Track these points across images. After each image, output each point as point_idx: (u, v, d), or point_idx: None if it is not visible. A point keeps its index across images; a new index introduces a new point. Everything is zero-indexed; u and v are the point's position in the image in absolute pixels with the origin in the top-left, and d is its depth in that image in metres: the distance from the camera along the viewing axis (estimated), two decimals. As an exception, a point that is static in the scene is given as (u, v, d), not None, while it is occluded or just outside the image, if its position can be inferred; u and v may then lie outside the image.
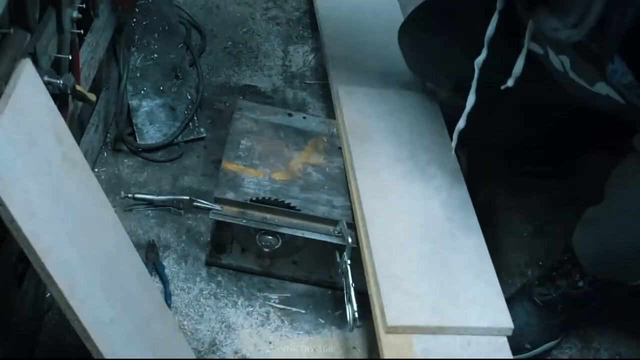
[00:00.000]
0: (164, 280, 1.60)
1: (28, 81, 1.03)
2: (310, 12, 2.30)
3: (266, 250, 1.55)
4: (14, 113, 0.98)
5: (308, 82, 2.11)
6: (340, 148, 1.72)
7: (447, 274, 1.48)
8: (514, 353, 1.53)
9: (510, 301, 1.61)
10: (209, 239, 1.65)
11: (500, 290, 1.48)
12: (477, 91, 1.46)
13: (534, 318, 1.58)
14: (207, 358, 1.51)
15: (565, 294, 1.55)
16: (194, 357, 1.45)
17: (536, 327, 1.58)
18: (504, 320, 1.43)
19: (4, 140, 0.95)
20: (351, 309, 1.43)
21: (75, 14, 1.38)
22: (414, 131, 1.75)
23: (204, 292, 1.61)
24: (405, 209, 1.58)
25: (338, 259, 1.51)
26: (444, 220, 1.57)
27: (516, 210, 1.89)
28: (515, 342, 1.55)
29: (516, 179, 1.95)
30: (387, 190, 1.60)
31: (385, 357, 1.36)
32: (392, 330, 1.38)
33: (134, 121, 1.84)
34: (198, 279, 1.63)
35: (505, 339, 1.43)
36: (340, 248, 1.51)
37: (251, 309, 1.60)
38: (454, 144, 1.57)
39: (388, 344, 1.37)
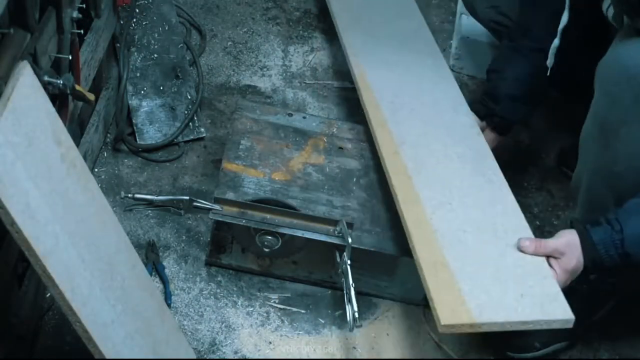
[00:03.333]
0: (164, 280, 1.60)
1: (26, 83, 1.03)
2: (310, 11, 2.30)
3: (266, 250, 1.55)
4: (13, 115, 0.98)
5: (308, 82, 2.11)
6: (340, 148, 1.72)
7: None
8: (521, 351, 1.55)
9: None
10: (209, 239, 1.65)
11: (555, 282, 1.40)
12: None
13: None
14: (207, 358, 1.51)
15: (576, 291, 1.53)
16: (194, 357, 1.46)
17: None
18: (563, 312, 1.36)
19: (3, 143, 0.95)
20: (351, 309, 1.43)
21: (75, 14, 1.38)
22: (436, 110, 1.77)
23: (204, 292, 1.61)
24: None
25: (338, 259, 1.51)
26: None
27: (516, 210, 1.88)
28: (523, 340, 1.56)
29: (517, 178, 1.95)
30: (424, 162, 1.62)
31: (438, 315, 1.31)
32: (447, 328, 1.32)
33: (134, 121, 1.84)
34: (198, 279, 1.63)
35: (558, 290, 1.38)
36: (340, 248, 1.51)
37: (251, 309, 1.60)
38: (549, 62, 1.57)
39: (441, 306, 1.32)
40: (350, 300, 1.44)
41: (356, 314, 1.42)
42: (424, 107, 1.77)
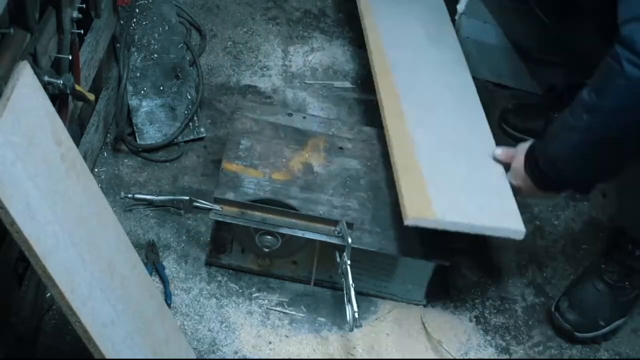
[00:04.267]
0: (164, 280, 1.60)
1: (26, 83, 1.03)
2: (310, 11, 2.30)
3: (266, 250, 1.55)
4: (13, 115, 0.98)
5: (308, 82, 2.11)
6: (340, 148, 1.72)
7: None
8: (588, 330, 1.63)
9: (580, 281, 1.69)
10: (209, 239, 1.65)
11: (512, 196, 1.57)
12: None
13: (606, 296, 1.63)
14: (207, 358, 1.51)
15: (627, 266, 1.61)
16: (194, 357, 1.46)
17: (608, 305, 1.63)
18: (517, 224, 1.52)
19: (3, 143, 0.95)
20: (351, 309, 1.43)
21: (75, 14, 1.38)
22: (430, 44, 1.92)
23: (204, 292, 1.61)
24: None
25: (338, 259, 1.51)
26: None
27: (516, 210, 1.88)
28: (590, 320, 1.63)
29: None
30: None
31: (406, 210, 1.48)
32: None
33: (134, 121, 1.84)
34: (198, 279, 1.63)
35: (515, 207, 1.54)
36: (340, 248, 1.51)
37: (251, 308, 1.60)
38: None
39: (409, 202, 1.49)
40: (350, 300, 1.44)
41: (356, 314, 1.42)
42: (420, 41, 1.94)
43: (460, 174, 1.59)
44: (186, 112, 1.89)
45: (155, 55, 1.91)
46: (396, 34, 1.92)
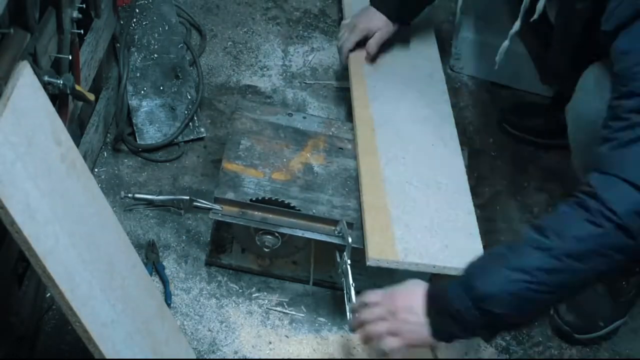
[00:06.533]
0: (164, 280, 1.60)
1: (26, 83, 1.03)
2: (310, 11, 2.30)
3: (266, 250, 1.55)
4: (13, 115, 0.98)
5: (308, 82, 2.11)
6: (340, 148, 1.73)
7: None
8: (587, 331, 1.64)
9: None
10: (209, 239, 1.65)
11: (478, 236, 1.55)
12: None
13: (605, 297, 1.63)
14: (207, 358, 1.51)
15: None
16: (194, 357, 1.46)
17: (607, 306, 1.64)
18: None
19: (3, 143, 0.95)
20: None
21: (75, 14, 1.38)
22: (414, 73, 1.90)
23: (204, 292, 1.61)
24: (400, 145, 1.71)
25: (338, 259, 1.51)
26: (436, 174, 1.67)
27: (516, 210, 1.89)
28: (589, 321, 1.64)
29: (517, 178, 1.96)
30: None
31: (368, 251, 1.46)
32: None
33: (134, 121, 1.84)
34: (198, 279, 1.63)
35: (480, 247, 1.52)
36: (341, 248, 1.51)
37: (251, 308, 1.60)
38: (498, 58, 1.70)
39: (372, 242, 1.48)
40: (350, 300, 1.44)
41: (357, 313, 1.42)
42: (403, 69, 1.92)
43: (426, 211, 1.57)
44: (186, 112, 1.89)
45: (155, 55, 1.91)
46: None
